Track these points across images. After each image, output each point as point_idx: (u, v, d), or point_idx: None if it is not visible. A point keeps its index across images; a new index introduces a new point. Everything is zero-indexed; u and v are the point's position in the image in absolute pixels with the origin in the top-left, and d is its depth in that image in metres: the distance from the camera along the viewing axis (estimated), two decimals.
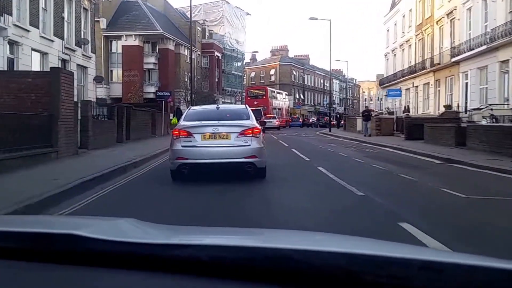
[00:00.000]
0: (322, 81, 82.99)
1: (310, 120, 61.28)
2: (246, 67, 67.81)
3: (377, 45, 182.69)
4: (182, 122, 7.65)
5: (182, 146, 7.11)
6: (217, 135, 7.11)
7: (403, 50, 36.28)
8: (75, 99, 11.95)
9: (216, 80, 48.99)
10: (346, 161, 11.57)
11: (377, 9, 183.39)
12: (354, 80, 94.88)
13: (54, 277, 0.85)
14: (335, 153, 13.95)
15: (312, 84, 78.53)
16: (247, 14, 58.48)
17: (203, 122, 7.39)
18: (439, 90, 27.99)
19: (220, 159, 7.06)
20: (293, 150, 14.28)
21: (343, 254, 0.83)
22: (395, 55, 38.79)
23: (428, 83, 30.06)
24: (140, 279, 0.82)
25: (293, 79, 70.10)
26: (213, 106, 9.24)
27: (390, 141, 17.99)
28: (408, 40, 34.42)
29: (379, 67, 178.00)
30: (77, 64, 20.62)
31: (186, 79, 38.04)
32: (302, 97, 73.03)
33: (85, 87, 21.97)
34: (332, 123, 63.06)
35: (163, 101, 21.94)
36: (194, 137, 7.09)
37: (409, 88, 33.89)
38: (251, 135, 7.20)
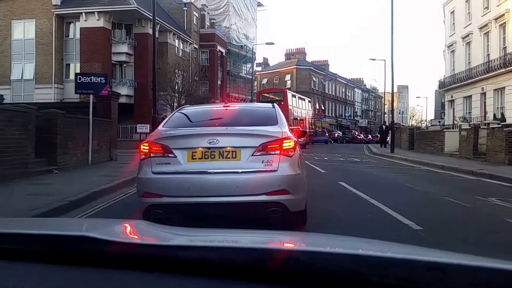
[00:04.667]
0: (343, 90, 72.12)
1: (336, 135, 50.23)
2: (257, 73, 56.94)
3: (400, 52, 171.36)
4: (160, 129, 4.40)
5: (154, 173, 3.89)
6: (217, 151, 3.84)
7: (486, 33, 24.93)
8: None
9: (219, 82, 38.06)
10: None
11: (402, 12, 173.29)
12: (376, 91, 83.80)
13: (67, 278, 0.85)
14: None
15: (333, 93, 67.64)
16: (259, 4, 47.82)
17: (193, 129, 4.19)
18: None
19: (219, 197, 3.73)
20: None
21: (349, 256, 0.85)
22: (468, 43, 27.44)
23: None
24: (151, 280, 0.83)
25: (312, 86, 59.01)
26: (219, 105, 5.44)
27: None
28: (498, 17, 23.16)
29: (401, 77, 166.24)
30: None
31: (176, 79, 27.28)
32: (322, 107, 61.82)
33: None
34: (358, 138, 52.67)
35: (92, 95, 10.75)
36: (175, 156, 3.86)
37: (502, 88, 22.67)
38: (278, 151, 3.83)
